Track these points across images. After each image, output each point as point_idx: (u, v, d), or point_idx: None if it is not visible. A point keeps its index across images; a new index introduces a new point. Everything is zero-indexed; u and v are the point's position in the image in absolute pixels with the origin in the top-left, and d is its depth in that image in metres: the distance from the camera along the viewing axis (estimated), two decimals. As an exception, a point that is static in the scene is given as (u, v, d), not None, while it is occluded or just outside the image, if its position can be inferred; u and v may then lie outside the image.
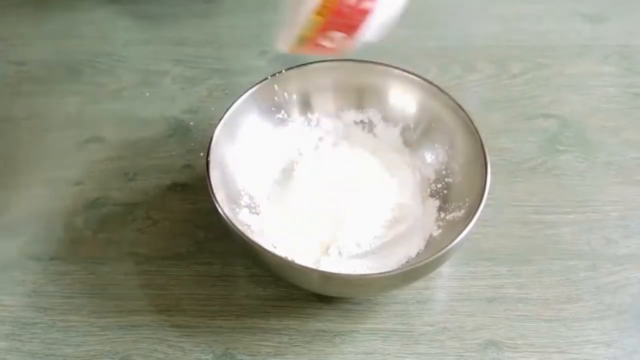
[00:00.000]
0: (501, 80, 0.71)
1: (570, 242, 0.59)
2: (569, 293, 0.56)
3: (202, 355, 0.53)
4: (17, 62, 0.73)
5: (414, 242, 0.56)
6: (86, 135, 0.66)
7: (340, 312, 0.55)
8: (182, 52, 0.74)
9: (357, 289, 0.52)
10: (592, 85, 0.71)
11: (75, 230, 0.60)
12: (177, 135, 0.66)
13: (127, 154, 0.65)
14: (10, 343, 0.53)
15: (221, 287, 0.56)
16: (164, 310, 0.55)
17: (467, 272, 0.57)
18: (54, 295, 0.56)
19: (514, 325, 0.54)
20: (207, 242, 0.59)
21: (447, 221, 0.56)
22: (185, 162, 0.64)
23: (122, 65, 0.73)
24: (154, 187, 0.62)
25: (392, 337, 0.53)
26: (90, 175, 0.63)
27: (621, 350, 0.52)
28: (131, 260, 0.58)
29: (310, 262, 0.54)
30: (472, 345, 0.53)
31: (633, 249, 0.58)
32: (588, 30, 0.76)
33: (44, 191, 0.62)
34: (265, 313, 0.55)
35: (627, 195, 0.62)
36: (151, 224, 0.60)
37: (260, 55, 0.73)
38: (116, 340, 0.53)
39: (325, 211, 0.56)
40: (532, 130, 0.67)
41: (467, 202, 0.54)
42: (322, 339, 0.53)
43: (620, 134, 0.66)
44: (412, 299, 0.55)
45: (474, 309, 0.55)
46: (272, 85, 0.60)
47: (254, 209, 0.58)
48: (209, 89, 0.70)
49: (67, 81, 0.71)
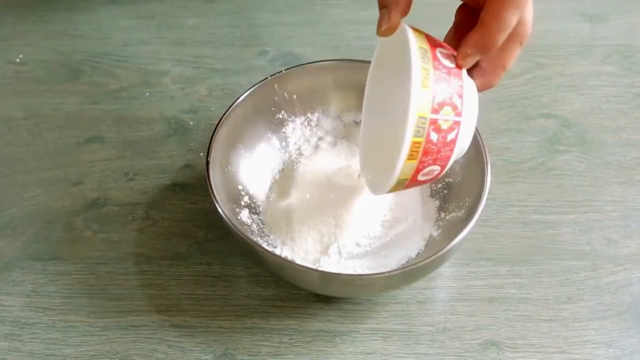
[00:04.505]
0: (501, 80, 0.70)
1: (571, 242, 0.59)
2: (569, 293, 0.56)
3: (202, 355, 0.53)
4: (17, 62, 0.73)
5: (414, 242, 0.56)
6: (86, 135, 0.67)
7: (340, 312, 0.55)
8: (182, 52, 0.74)
9: (357, 289, 0.52)
10: (592, 85, 0.71)
11: (75, 230, 0.60)
12: (177, 135, 0.66)
13: (127, 154, 0.65)
14: (10, 343, 0.53)
15: (221, 287, 0.56)
16: (164, 310, 0.55)
17: (467, 272, 0.57)
18: (53, 295, 0.56)
19: (514, 325, 0.54)
20: (207, 242, 0.59)
21: (447, 221, 0.56)
22: (185, 162, 0.64)
23: (122, 65, 0.73)
24: (154, 187, 0.63)
25: (392, 337, 0.53)
26: (90, 175, 0.64)
27: (621, 351, 0.52)
28: (131, 260, 0.58)
29: (310, 262, 0.54)
30: (472, 345, 0.53)
31: (633, 249, 0.58)
32: (588, 30, 0.76)
33: (43, 191, 0.62)
34: (265, 313, 0.55)
35: (627, 195, 0.62)
36: (151, 224, 0.60)
37: (260, 55, 0.74)
38: (116, 340, 0.53)
39: (325, 211, 0.56)
40: (532, 130, 0.67)
41: (467, 202, 0.54)
42: (322, 339, 0.53)
43: (620, 134, 0.66)
44: (412, 299, 0.55)
45: (474, 309, 0.55)
46: (272, 85, 0.60)
47: (254, 209, 0.58)
48: (209, 89, 0.70)
49: (67, 81, 0.72)
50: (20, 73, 0.73)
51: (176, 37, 0.76)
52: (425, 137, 0.44)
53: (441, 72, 0.44)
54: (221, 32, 0.76)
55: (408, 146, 0.44)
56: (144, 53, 0.74)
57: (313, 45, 0.74)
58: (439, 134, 0.44)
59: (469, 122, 0.46)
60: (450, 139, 0.45)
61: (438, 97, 0.44)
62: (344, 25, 0.76)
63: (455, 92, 0.45)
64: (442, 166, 0.46)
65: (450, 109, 0.44)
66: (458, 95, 0.45)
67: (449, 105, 0.44)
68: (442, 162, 0.46)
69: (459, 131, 0.45)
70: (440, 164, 0.46)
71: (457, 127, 0.45)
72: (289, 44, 0.74)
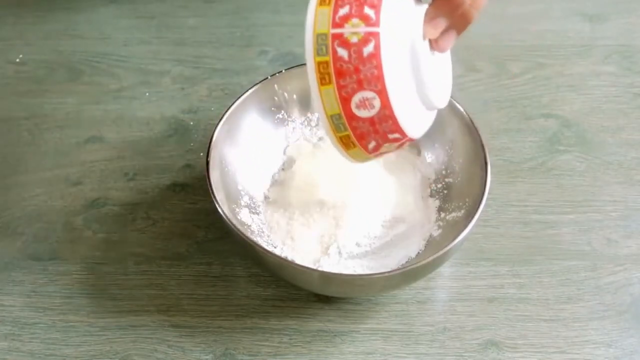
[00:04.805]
0: (501, 80, 0.71)
1: (571, 242, 0.59)
2: (569, 293, 0.56)
3: (202, 355, 0.53)
4: (17, 62, 0.73)
5: (414, 242, 0.56)
6: (86, 135, 0.67)
7: (340, 312, 0.55)
8: (182, 52, 0.74)
9: (357, 289, 0.52)
10: (592, 85, 0.71)
11: (75, 230, 0.60)
12: (177, 135, 0.66)
13: (127, 154, 0.65)
14: (10, 343, 0.53)
15: (221, 287, 0.56)
16: (164, 310, 0.55)
17: (467, 272, 0.57)
18: (53, 295, 0.56)
19: (514, 325, 0.54)
20: (207, 242, 0.59)
21: (447, 221, 0.56)
22: (185, 162, 0.64)
23: (122, 65, 0.73)
24: (154, 187, 0.62)
25: (392, 337, 0.53)
26: (90, 175, 0.64)
27: (621, 351, 0.52)
28: (131, 260, 0.58)
29: (310, 262, 0.54)
30: (472, 345, 0.53)
31: (633, 249, 0.58)
32: (588, 30, 0.76)
33: (43, 191, 0.62)
34: (265, 313, 0.55)
35: (627, 195, 0.62)
36: (151, 224, 0.60)
37: (260, 55, 0.74)
38: (116, 340, 0.53)
39: (325, 211, 0.56)
40: (532, 130, 0.67)
41: (467, 202, 0.54)
42: (322, 339, 0.53)
43: (620, 134, 0.66)
44: (412, 299, 0.55)
45: (474, 309, 0.55)
46: (272, 85, 0.60)
47: (254, 209, 0.58)
48: (209, 89, 0.70)
49: (67, 81, 0.72)
50: (20, 73, 0.73)
51: (176, 37, 0.76)
52: (332, 53, 0.40)
53: None
54: (221, 32, 0.76)
55: (313, 67, 0.40)
56: (144, 53, 0.74)
57: (313, 45, 0.74)
58: (348, 48, 0.40)
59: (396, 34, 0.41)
60: (367, 52, 0.40)
61: (341, 11, 0.40)
62: (344, 25, 0.76)
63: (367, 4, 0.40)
64: (377, 91, 0.41)
65: (358, 20, 0.40)
66: (370, 6, 0.40)
67: (357, 17, 0.40)
68: (372, 85, 0.40)
69: (380, 43, 0.40)
70: (372, 89, 0.40)
71: (373, 39, 0.40)
72: (289, 44, 0.74)
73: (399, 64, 0.41)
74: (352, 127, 0.42)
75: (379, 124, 0.42)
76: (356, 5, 0.40)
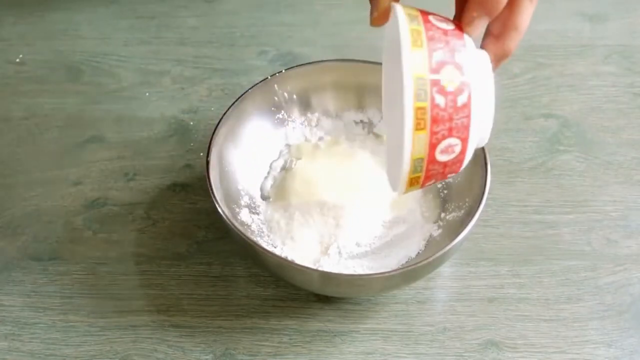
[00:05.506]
0: (501, 80, 0.71)
1: (571, 242, 0.59)
2: (569, 293, 0.56)
3: (202, 355, 0.53)
4: (17, 62, 0.73)
5: (414, 242, 0.56)
6: (86, 135, 0.67)
7: (340, 312, 0.55)
8: (182, 52, 0.74)
9: (357, 289, 0.52)
10: (592, 85, 0.70)
11: (75, 230, 0.60)
12: (177, 135, 0.66)
13: (127, 154, 0.65)
14: (10, 343, 0.53)
15: (221, 287, 0.56)
16: (164, 310, 0.55)
17: (467, 272, 0.57)
18: (53, 295, 0.56)
19: (514, 325, 0.54)
20: (207, 242, 0.59)
21: (447, 221, 0.56)
22: (185, 162, 0.64)
23: (122, 65, 0.73)
24: (154, 187, 0.62)
25: (392, 337, 0.53)
26: (90, 175, 0.64)
27: (621, 351, 0.52)
28: (131, 260, 0.58)
29: (310, 262, 0.54)
30: (472, 345, 0.53)
31: (633, 249, 0.58)
32: (588, 30, 0.76)
33: (43, 191, 0.62)
34: (265, 313, 0.55)
35: (627, 195, 0.62)
36: (151, 224, 0.60)
37: (260, 55, 0.74)
38: (116, 340, 0.53)
39: (325, 211, 0.56)
40: (532, 130, 0.67)
41: (467, 202, 0.54)
42: (322, 339, 0.53)
43: (620, 134, 0.66)
44: (412, 299, 0.55)
45: (474, 309, 0.55)
46: (272, 85, 0.60)
47: (254, 209, 0.58)
48: (209, 89, 0.70)
49: (67, 81, 0.72)
50: (20, 73, 0.72)
51: (176, 37, 0.76)
52: (430, 100, 0.39)
53: (435, 32, 0.40)
54: (221, 32, 0.76)
55: (411, 112, 0.39)
56: (144, 53, 0.74)
57: (313, 45, 0.74)
58: (445, 96, 0.39)
59: (482, 89, 0.41)
60: (461, 102, 0.40)
61: (436, 55, 0.39)
62: (344, 25, 0.76)
63: (457, 51, 0.40)
64: (462, 139, 0.41)
65: (453, 68, 0.39)
66: (458, 53, 0.40)
67: (451, 64, 0.39)
68: (460, 133, 0.41)
69: (472, 94, 0.40)
70: (459, 136, 0.41)
71: (466, 89, 0.40)
72: (289, 44, 0.74)
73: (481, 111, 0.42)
74: (427, 170, 0.42)
75: (449, 167, 0.43)
76: (447, 50, 0.40)
